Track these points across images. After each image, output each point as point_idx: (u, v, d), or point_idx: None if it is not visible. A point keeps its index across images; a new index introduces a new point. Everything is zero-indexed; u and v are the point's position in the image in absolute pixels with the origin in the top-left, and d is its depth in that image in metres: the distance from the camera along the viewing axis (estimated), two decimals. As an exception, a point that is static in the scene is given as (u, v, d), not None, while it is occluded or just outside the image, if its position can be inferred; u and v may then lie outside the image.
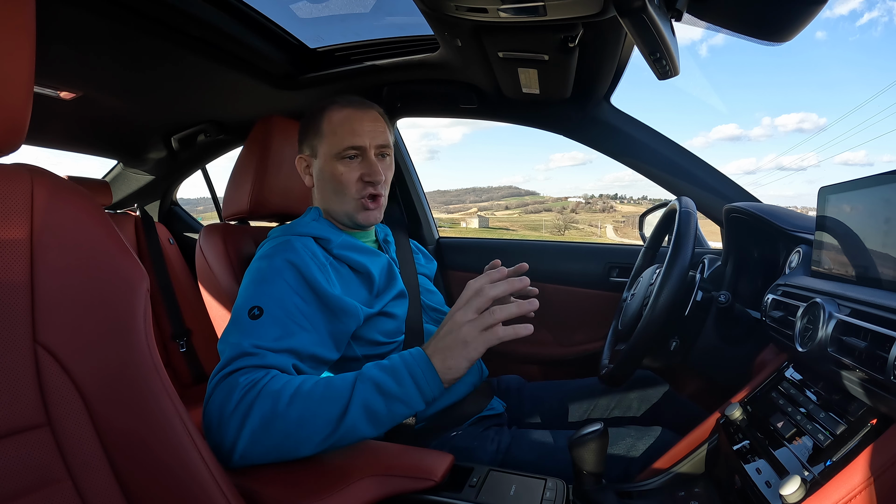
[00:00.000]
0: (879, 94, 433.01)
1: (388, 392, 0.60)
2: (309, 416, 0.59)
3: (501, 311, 0.62)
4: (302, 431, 0.59)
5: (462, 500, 0.62)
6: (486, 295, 0.62)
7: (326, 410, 0.59)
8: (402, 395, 0.61)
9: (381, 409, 0.60)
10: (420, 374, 0.61)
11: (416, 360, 0.62)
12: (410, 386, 0.61)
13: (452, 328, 0.62)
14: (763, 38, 0.73)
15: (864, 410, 0.53)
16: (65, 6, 0.87)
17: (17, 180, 0.45)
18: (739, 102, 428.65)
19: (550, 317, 1.55)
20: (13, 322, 0.43)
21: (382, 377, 0.61)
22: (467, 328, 0.61)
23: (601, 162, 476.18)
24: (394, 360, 0.63)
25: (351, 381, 0.61)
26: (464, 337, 0.61)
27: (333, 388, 0.61)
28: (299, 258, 0.77)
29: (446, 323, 0.64)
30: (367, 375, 0.62)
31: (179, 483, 0.49)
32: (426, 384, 0.61)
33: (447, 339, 0.62)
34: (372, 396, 0.60)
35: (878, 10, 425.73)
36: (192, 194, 4.05)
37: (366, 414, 0.60)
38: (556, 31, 0.89)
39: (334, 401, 0.60)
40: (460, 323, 0.62)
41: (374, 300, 0.86)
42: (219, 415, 0.60)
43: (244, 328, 0.68)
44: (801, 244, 0.84)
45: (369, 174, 0.87)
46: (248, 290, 0.74)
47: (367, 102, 0.91)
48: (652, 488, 0.74)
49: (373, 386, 0.61)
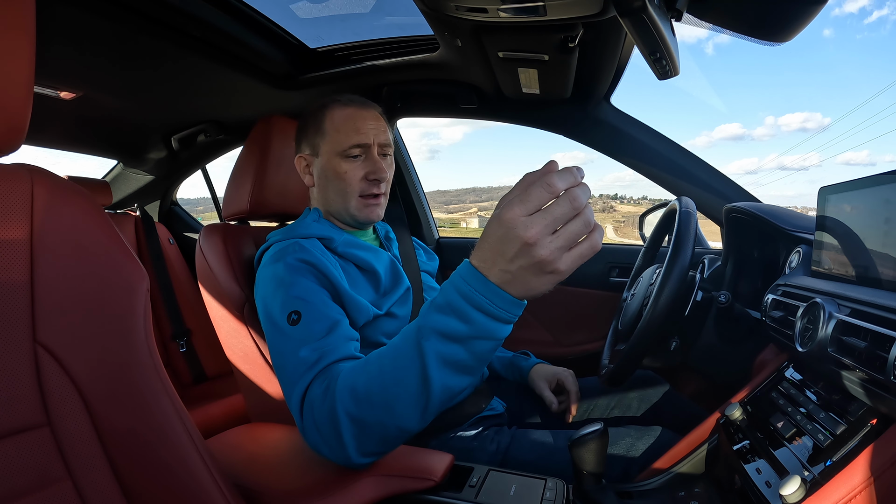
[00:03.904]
0: (882, 92, 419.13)
1: (459, 336, 0.50)
2: (392, 398, 0.54)
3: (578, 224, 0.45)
4: (395, 413, 0.55)
5: (462, 500, 0.62)
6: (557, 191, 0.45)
7: (406, 387, 0.53)
8: (475, 331, 0.50)
9: (464, 356, 0.51)
10: (484, 301, 0.48)
11: (472, 287, 0.48)
12: (480, 319, 0.49)
13: (507, 233, 0.45)
14: (763, 38, 0.73)
15: (864, 410, 0.53)
16: (65, 6, 0.87)
17: (17, 180, 0.45)
18: (743, 102, 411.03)
19: (550, 317, 1.55)
20: (13, 322, 0.43)
21: (444, 321, 0.50)
22: (545, 248, 0.44)
23: (602, 162, 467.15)
24: (448, 294, 0.50)
25: (414, 343, 0.52)
26: (540, 258, 0.45)
27: (400, 357, 0.54)
28: (313, 257, 0.78)
29: (499, 231, 0.46)
30: (428, 328, 0.51)
31: (179, 483, 0.49)
32: (496, 307, 0.48)
33: (516, 260, 0.46)
34: (444, 347, 0.51)
35: (887, 7, 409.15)
36: (192, 194, 4.04)
37: (450, 367, 0.52)
38: (556, 31, 0.89)
39: (408, 372, 0.53)
40: (529, 239, 0.44)
41: (381, 300, 0.85)
42: (316, 433, 0.60)
43: (290, 337, 0.68)
44: (801, 244, 0.84)
45: (374, 172, 0.87)
46: (276, 297, 0.73)
47: (367, 101, 0.91)
48: (652, 488, 0.74)
49: (439, 337, 0.51)
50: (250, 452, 0.75)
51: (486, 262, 0.48)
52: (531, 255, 0.45)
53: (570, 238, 0.45)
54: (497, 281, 0.47)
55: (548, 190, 0.44)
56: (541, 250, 0.44)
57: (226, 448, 0.75)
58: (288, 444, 0.76)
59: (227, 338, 0.93)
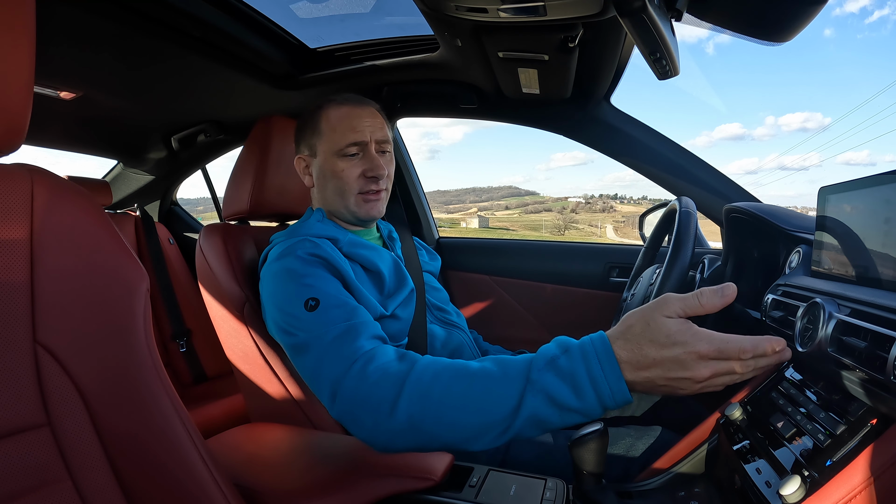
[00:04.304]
0: (883, 92, 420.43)
1: (564, 405, 0.50)
2: (462, 425, 0.53)
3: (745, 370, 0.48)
4: (455, 435, 0.53)
5: (462, 500, 0.62)
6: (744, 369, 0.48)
7: (483, 421, 0.52)
8: (580, 408, 0.50)
9: (556, 420, 0.51)
10: (606, 389, 0.48)
11: (603, 370, 0.49)
12: (593, 401, 0.49)
13: (680, 357, 0.47)
14: (763, 38, 0.73)
15: (864, 410, 0.53)
16: (64, 6, 0.87)
17: (17, 180, 0.45)
18: (743, 102, 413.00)
19: (550, 317, 1.55)
20: (13, 322, 0.43)
21: (559, 389, 0.50)
22: (672, 365, 0.47)
23: (602, 161, 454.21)
24: (575, 364, 0.50)
25: (517, 390, 0.51)
26: (687, 375, 0.47)
27: (493, 394, 0.52)
28: (324, 252, 0.78)
29: (673, 352, 0.47)
30: (541, 385, 0.51)
31: (179, 483, 0.49)
32: (611, 398, 0.49)
33: (667, 382, 0.47)
34: (545, 409, 0.50)
35: (888, 7, 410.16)
36: (192, 194, 4.05)
37: (536, 425, 0.52)
38: (556, 31, 0.89)
39: (494, 410, 0.52)
40: (697, 378, 0.46)
41: (385, 301, 0.85)
42: (356, 411, 0.56)
43: (312, 322, 0.66)
44: (801, 244, 0.84)
45: (371, 169, 0.87)
46: (288, 288, 0.72)
47: (363, 99, 0.91)
48: (652, 488, 0.74)
49: (546, 399, 0.50)
50: (250, 452, 0.75)
51: (632, 364, 0.48)
52: (689, 387, 0.47)
53: (722, 380, 0.48)
54: (632, 379, 0.48)
55: (743, 364, 0.47)
56: (698, 385, 0.47)
57: (226, 448, 0.75)
58: (288, 444, 0.76)
59: (227, 338, 0.93)
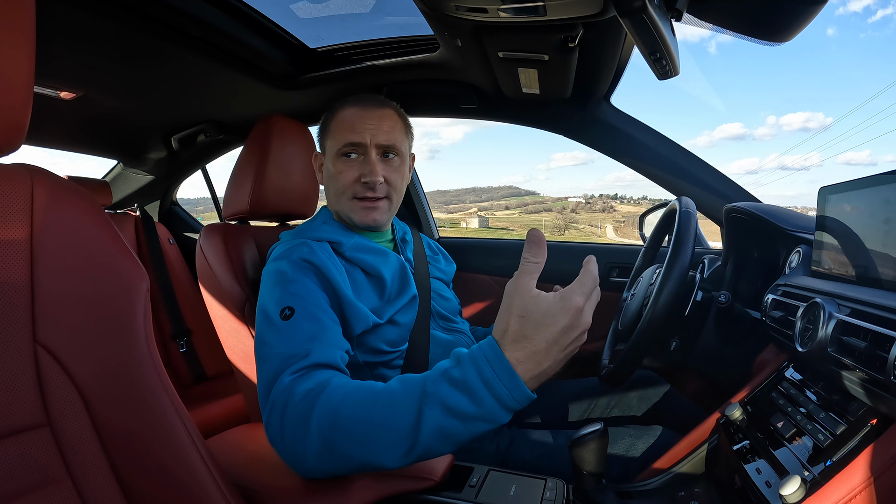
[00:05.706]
0: (884, 92, 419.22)
1: (464, 414, 0.50)
2: (371, 441, 0.53)
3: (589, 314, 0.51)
4: (369, 452, 0.53)
5: (462, 500, 0.62)
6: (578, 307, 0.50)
7: (390, 437, 0.52)
8: (482, 414, 0.50)
9: (460, 431, 0.51)
10: (503, 391, 0.49)
11: (496, 373, 0.49)
12: (492, 405, 0.49)
13: (570, 322, 0.49)
14: (763, 38, 0.73)
15: (864, 410, 0.53)
16: (64, 6, 0.87)
17: (17, 180, 0.45)
18: (744, 101, 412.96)
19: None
20: (13, 322, 0.43)
21: (455, 398, 0.50)
22: (564, 335, 0.49)
23: (602, 161, 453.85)
24: (466, 372, 0.50)
25: (415, 405, 0.51)
26: (579, 331, 0.50)
27: (395, 409, 0.52)
28: (318, 258, 0.77)
29: (528, 327, 0.49)
30: (437, 398, 0.51)
31: (179, 483, 0.49)
32: (511, 399, 0.49)
33: (561, 340, 0.49)
34: (445, 421, 0.50)
35: (891, 7, 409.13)
36: (192, 194, 4.05)
37: (442, 438, 0.51)
38: (556, 31, 0.89)
39: (397, 425, 0.52)
40: (555, 333, 0.49)
41: (385, 307, 0.83)
42: (280, 428, 0.58)
43: (280, 330, 0.67)
44: (801, 244, 0.84)
45: (365, 174, 0.84)
46: (274, 291, 0.73)
47: (379, 101, 0.89)
48: (652, 488, 0.74)
49: (444, 411, 0.50)
50: (250, 452, 0.75)
51: (530, 359, 0.49)
52: (582, 339, 0.51)
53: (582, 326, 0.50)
54: (535, 373, 0.49)
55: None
56: (587, 317, 0.50)
57: (226, 448, 0.75)
58: (288, 444, 0.76)
59: (227, 338, 0.93)
